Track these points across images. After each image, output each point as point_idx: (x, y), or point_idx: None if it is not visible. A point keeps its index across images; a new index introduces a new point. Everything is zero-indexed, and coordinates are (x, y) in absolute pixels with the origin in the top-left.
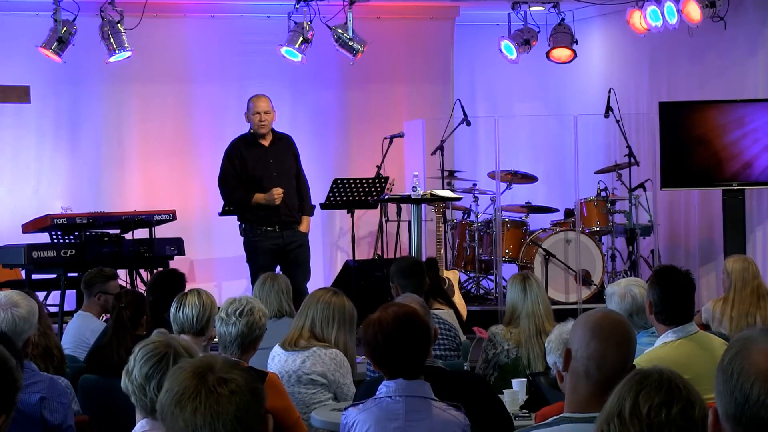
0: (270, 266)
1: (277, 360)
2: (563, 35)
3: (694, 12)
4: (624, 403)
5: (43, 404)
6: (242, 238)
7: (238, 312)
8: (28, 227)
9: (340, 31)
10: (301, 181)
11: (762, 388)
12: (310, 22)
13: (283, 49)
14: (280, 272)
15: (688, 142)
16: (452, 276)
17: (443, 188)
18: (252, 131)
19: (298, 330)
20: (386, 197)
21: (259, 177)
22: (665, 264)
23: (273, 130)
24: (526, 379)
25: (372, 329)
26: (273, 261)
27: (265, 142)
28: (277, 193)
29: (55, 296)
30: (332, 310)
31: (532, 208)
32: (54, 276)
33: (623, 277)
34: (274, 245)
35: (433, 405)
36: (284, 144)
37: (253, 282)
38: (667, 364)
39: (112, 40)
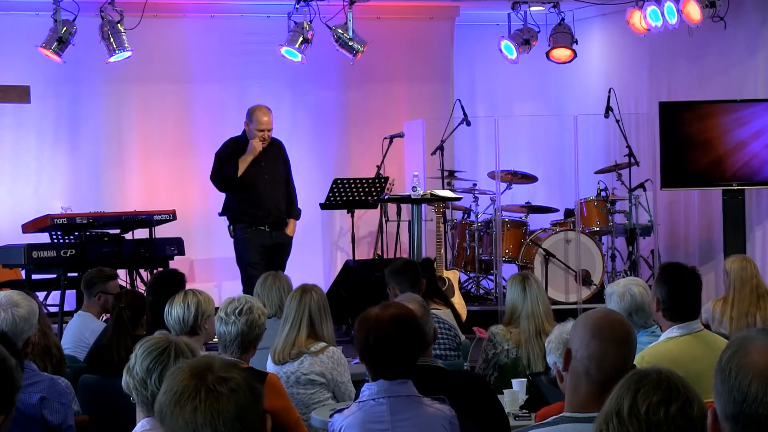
0: (259, 263)
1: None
2: (563, 35)
3: (694, 12)
4: (622, 402)
5: (43, 404)
6: (232, 239)
7: (237, 311)
8: (28, 227)
9: (340, 31)
10: (289, 186)
11: (760, 386)
12: (310, 22)
13: (283, 49)
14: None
15: (688, 142)
16: (452, 276)
17: (443, 188)
18: (249, 142)
19: (292, 339)
20: (386, 197)
21: (251, 180)
22: (671, 261)
23: None
24: (526, 379)
25: (365, 327)
26: (262, 259)
27: None
28: (257, 143)
29: (55, 296)
30: (322, 304)
31: (532, 208)
32: (54, 276)
33: (623, 277)
34: (264, 243)
35: (417, 402)
36: (276, 149)
37: (243, 282)
38: (671, 357)
39: (112, 40)
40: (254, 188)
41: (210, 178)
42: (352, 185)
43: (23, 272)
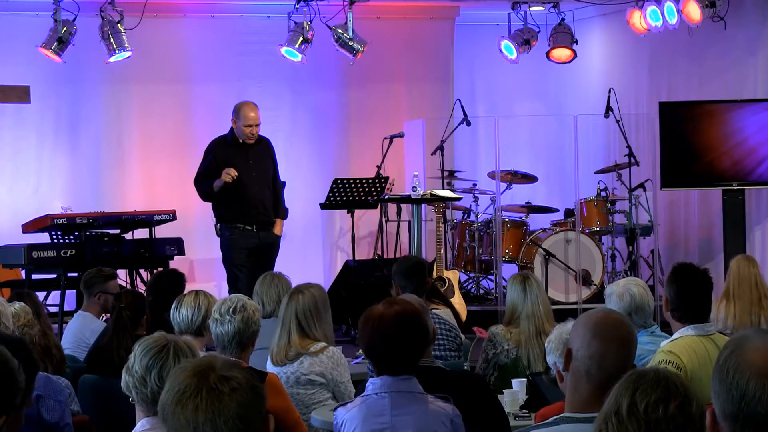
0: (246, 264)
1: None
2: (563, 35)
3: (694, 12)
4: (621, 401)
5: (39, 402)
6: (219, 238)
7: (231, 310)
8: (28, 227)
9: (340, 31)
10: (276, 184)
11: (758, 384)
12: (310, 22)
13: (283, 49)
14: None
15: (688, 141)
16: (452, 276)
17: (443, 188)
18: (240, 139)
19: (285, 342)
20: (386, 197)
21: (239, 178)
22: (683, 262)
23: None
24: (526, 379)
25: (369, 324)
26: (248, 259)
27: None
28: (226, 174)
29: (55, 296)
30: (312, 305)
31: (532, 208)
32: (54, 276)
33: (623, 277)
34: (250, 244)
35: (420, 399)
36: (263, 147)
37: (229, 283)
38: (693, 350)
39: (112, 40)
40: (242, 187)
41: (193, 181)
42: (352, 185)
43: (23, 272)
